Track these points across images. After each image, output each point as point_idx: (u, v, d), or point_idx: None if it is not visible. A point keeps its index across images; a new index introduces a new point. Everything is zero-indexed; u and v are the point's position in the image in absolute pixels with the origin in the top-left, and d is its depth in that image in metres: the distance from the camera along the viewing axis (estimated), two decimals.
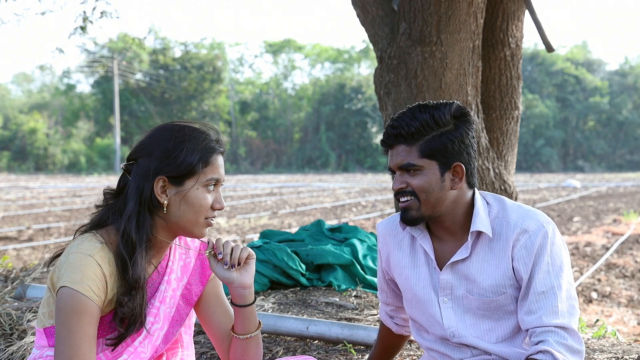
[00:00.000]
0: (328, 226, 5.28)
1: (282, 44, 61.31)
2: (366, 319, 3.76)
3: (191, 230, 1.88)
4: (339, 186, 27.48)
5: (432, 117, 1.96)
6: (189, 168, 1.84)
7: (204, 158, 1.86)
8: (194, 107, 54.81)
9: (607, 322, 5.69)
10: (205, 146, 1.87)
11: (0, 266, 5.46)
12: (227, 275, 1.90)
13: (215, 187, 1.89)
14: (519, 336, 2.04)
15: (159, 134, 1.88)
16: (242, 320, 1.97)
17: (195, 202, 1.85)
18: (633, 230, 11.25)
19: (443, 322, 2.08)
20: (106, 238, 1.83)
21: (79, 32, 8.01)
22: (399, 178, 2.00)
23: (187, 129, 1.89)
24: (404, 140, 1.98)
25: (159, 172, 1.84)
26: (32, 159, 51.49)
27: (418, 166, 1.97)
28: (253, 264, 1.94)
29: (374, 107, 53.76)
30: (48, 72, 64.38)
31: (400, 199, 2.01)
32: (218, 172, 1.89)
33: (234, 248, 1.91)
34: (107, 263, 1.80)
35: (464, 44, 3.93)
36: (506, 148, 4.42)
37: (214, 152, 1.88)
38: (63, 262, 1.79)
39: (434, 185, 1.97)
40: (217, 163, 1.89)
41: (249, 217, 13.64)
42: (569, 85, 58.97)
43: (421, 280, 2.12)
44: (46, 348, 1.87)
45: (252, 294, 1.96)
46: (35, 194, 21.95)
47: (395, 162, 2.00)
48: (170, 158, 1.84)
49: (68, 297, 1.74)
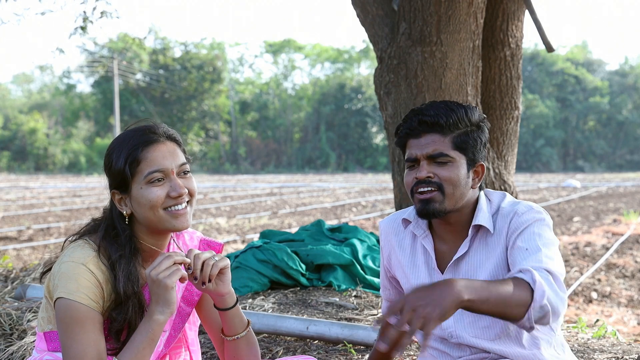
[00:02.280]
0: (328, 226, 5.28)
1: (282, 44, 61.31)
2: (366, 319, 3.76)
3: (163, 226, 1.84)
4: (339, 186, 27.48)
5: (466, 114, 1.97)
6: (121, 175, 1.81)
7: (132, 157, 1.80)
8: (194, 107, 54.83)
9: (607, 322, 5.69)
10: (132, 145, 1.81)
11: (0, 266, 5.46)
12: (202, 287, 1.87)
13: (166, 176, 1.82)
14: (518, 334, 2.04)
15: (105, 150, 1.91)
16: (227, 322, 1.96)
17: (144, 201, 1.81)
18: (633, 230, 11.25)
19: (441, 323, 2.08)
20: (98, 244, 1.83)
21: (79, 32, 8.01)
22: (426, 167, 1.96)
23: (120, 136, 1.87)
24: (440, 129, 1.96)
25: (110, 186, 1.87)
26: (32, 159, 51.50)
27: (450, 157, 1.95)
28: (228, 272, 1.89)
29: (374, 107, 53.76)
30: (48, 72, 64.46)
31: (421, 189, 1.97)
32: (156, 162, 1.81)
33: (205, 264, 1.84)
34: (100, 271, 1.79)
35: (464, 44, 3.93)
36: (506, 148, 4.42)
37: (142, 147, 1.81)
38: (57, 272, 1.79)
39: (462, 179, 1.97)
40: (151, 155, 1.81)
41: (249, 217, 13.64)
42: (569, 85, 58.97)
43: (420, 280, 2.12)
44: (46, 352, 1.87)
45: (233, 297, 1.94)
46: (35, 194, 21.95)
47: (425, 151, 1.96)
48: (108, 171, 1.86)
49: (67, 308, 1.74)
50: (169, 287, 1.76)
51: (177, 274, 1.77)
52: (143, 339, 1.77)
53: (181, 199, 1.83)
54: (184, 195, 1.83)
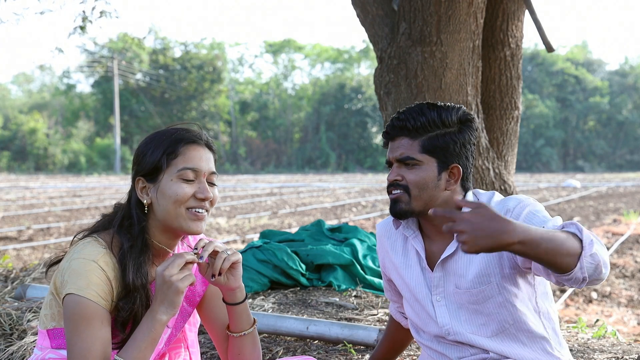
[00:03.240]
0: (328, 226, 5.28)
1: (282, 44, 61.31)
2: (366, 319, 3.76)
3: (178, 224, 1.84)
4: (339, 186, 27.48)
5: (439, 116, 1.99)
6: (155, 163, 1.84)
7: (170, 149, 1.84)
8: (194, 107, 54.82)
9: (607, 322, 5.69)
10: (174, 139, 1.85)
11: (0, 266, 5.46)
12: (212, 279, 1.89)
13: (197, 177, 1.85)
14: (516, 332, 2.03)
15: (141, 141, 1.93)
16: (235, 317, 1.97)
17: (170, 193, 1.82)
18: (633, 230, 11.25)
19: (437, 320, 2.09)
20: (108, 241, 1.84)
21: (79, 32, 8.01)
22: (396, 170, 2.03)
23: (163, 130, 1.90)
24: (408, 133, 2.01)
25: (136, 173, 1.88)
26: (32, 159, 51.49)
27: (417, 160, 2.00)
28: (239, 267, 1.91)
29: (374, 107, 53.76)
30: (48, 72, 64.47)
31: (393, 191, 2.04)
32: (193, 161, 1.84)
33: (217, 256, 1.86)
34: (110, 268, 1.80)
35: (464, 44, 3.92)
36: (506, 148, 4.42)
37: (183, 142, 1.85)
38: (66, 268, 1.79)
39: (429, 182, 2.00)
40: (190, 153, 1.85)
41: (249, 217, 13.64)
42: (569, 85, 58.97)
43: (414, 280, 2.15)
44: (48, 349, 1.87)
45: (243, 292, 1.95)
46: (35, 194, 21.95)
47: (394, 155, 2.03)
48: (140, 158, 1.88)
49: (76, 305, 1.74)
50: (180, 291, 1.77)
51: (189, 279, 1.78)
52: (144, 338, 1.77)
53: (205, 203, 1.85)
54: (208, 200, 1.85)
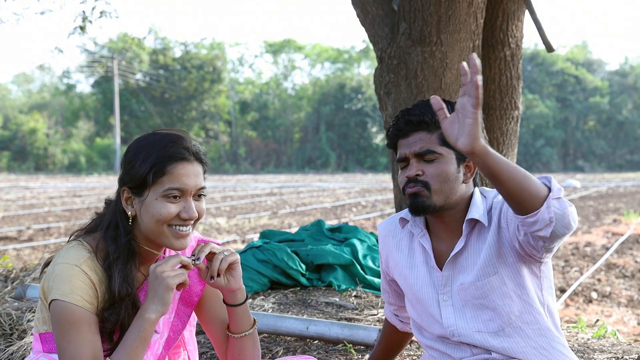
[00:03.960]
0: (328, 226, 5.28)
1: (282, 44, 61.28)
2: (366, 319, 3.76)
3: (161, 241, 1.82)
4: (339, 186, 27.47)
5: (452, 108, 1.98)
6: (141, 179, 1.79)
7: (158, 167, 1.78)
8: (194, 107, 54.81)
9: (607, 322, 5.69)
10: (162, 155, 1.78)
11: (0, 266, 5.46)
12: (211, 281, 1.88)
13: (183, 196, 1.80)
14: (522, 324, 2.01)
15: (132, 142, 1.88)
16: (236, 318, 1.96)
17: (154, 212, 1.79)
18: (633, 230, 11.25)
19: (442, 321, 2.08)
20: (94, 245, 1.82)
21: (79, 32, 8.01)
22: (416, 165, 1.99)
23: (152, 137, 1.84)
24: (426, 127, 1.99)
25: (123, 183, 1.84)
26: (32, 159, 51.48)
27: (438, 153, 1.98)
28: (238, 268, 1.90)
29: (374, 107, 53.74)
30: (48, 72, 64.39)
31: (412, 186, 1.99)
32: (179, 181, 1.78)
33: (214, 258, 1.85)
34: (94, 272, 1.78)
35: (464, 44, 3.92)
36: (506, 148, 4.42)
37: (171, 161, 1.79)
38: (50, 273, 1.78)
39: (450, 174, 1.98)
40: (178, 172, 1.79)
41: (249, 217, 13.64)
42: (569, 85, 58.93)
43: (420, 280, 2.12)
44: (41, 353, 1.86)
45: (244, 293, 1.94)
46: (35, 194, 21.95)
47: (413, 149, 1.99)
48: (128, 168, 1.83)
49: (61, 310, 1.74)
50: (170, 287, 1.76)
51: (181, 277, 1.77)
52: (135, 338, 1.76)
53: (189, 222, 1.83)
54: (193, 219, 1.83)
